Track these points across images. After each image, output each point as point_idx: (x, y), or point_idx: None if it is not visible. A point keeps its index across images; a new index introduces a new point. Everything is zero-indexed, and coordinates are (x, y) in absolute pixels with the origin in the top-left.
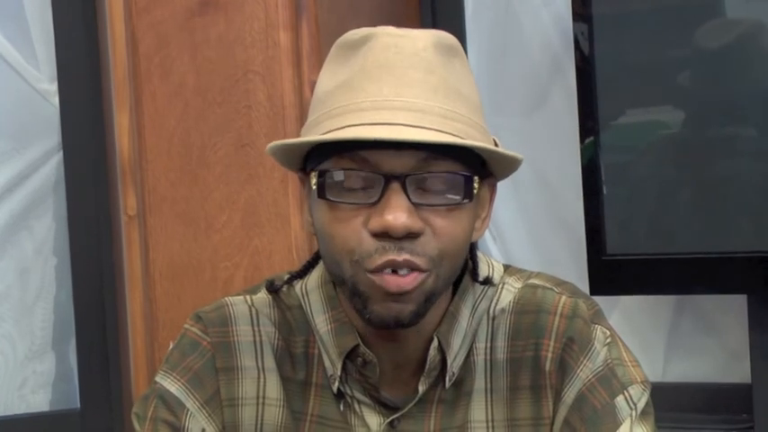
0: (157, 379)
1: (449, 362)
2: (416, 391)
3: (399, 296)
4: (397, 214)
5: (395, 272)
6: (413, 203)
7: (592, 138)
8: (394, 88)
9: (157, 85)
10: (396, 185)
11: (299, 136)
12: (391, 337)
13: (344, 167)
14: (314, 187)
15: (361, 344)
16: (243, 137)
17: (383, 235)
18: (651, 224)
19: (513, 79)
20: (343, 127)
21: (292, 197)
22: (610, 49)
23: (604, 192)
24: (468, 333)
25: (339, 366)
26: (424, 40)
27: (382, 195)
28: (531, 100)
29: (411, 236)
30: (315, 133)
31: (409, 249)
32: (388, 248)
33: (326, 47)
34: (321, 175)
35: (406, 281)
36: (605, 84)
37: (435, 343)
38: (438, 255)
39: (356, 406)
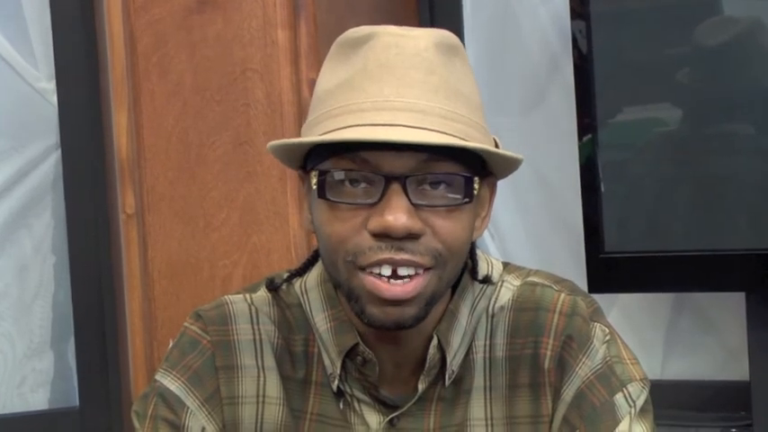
0: (157, 377)
1: (448, 360)
2: (416, 389)
3: (399, 301)
4: (398, 215)
5: (394, 273)
6: (413, 204)
7: (590, 136)
8: (395, 89)
9: (156, 83)
10: (396, 186)
11: (297, 134)
12: (391, 336)
13: (345, 168)
14: (314, 187)
15: (361, 342)
16: (241, 135)
17: (383, 235)
18: (649, 222)
19: (512, 78)
20: (344, 127)
21: (291, 195)
22: (607, 46)
23: (602, 189)
24: (467, 331)
25: (339, 365)
26: (425, 39)
27: (382, 196)
28: (529, 98)
29: (411, 236)
30: (315, 132)
31: (410, 249)
32: (386, 248)
33: (324, 45)
34: (321, 174)
35: (406, 289)
36: (603, 82)
37: (435, 341)
38: (441, 253)
39: (356, 404)
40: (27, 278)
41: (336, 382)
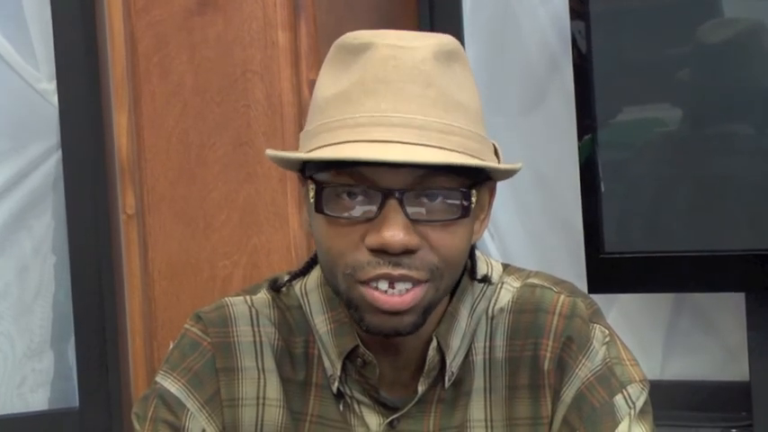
0: (158, 379)
1: (448, 362)
2: (416, 391)
3: (397, 312)
4: (395, 231)
5: (392, 286)
6: (410, 220)
7: (589, 135)
8: (392, 103)
9: (156, 84)
10: (393, 202)
11: (297, 135)
12: (390, 340)
13: (342, 182)
14: (311, 200)
15: (361, 345)
16: (241, 136)
17: (380, 251)
18: (649, 222)
19: (511, 78)
20: (341, 142)
21: (291, 196)
22: (607, 46)
23: (602, 189)
24: (466, 333)
25: (339, 367)
26: (423, 50)
27: (380, 212)
28: (528, 98)
29: (408, 252)
30: (313, 144)
31: (407, 264)
32: (383, 263)
33: (324, 46)
34: (319, 188)
35: (404, 300)
36: (603, 81)
37: (434, 343)
38: (437, 266)
39: (356, 406)
40: (27, 278)
41: (336, 383)
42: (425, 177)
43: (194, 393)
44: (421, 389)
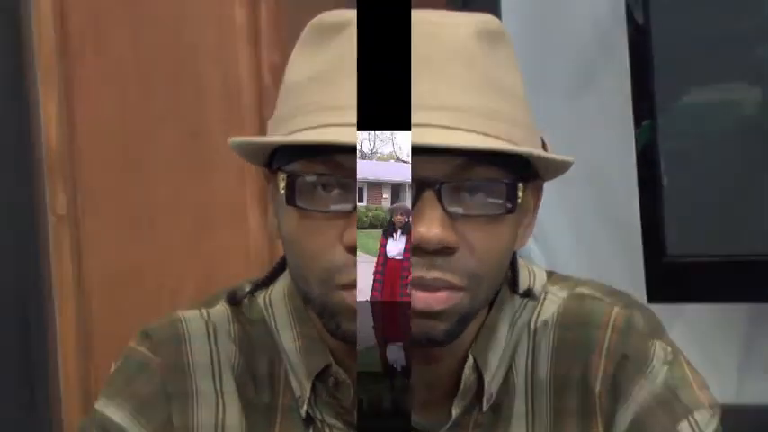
0: (97, 406)
1: (486, 382)
2: (450, 414)
3: (430, 313)
4: (430, 227)
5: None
6: (448, 214)
7: (648, 121)
8: None
9: (91, 65)
10: (429, 194)
11: (257, 123)
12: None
13: (316, 172)
14: (282, 191)
15: (334, 363)
16: (192, 125)
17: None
18: (719, 221)
19: (557, 56)
20: (318, 126)
21: (250, 193)
22: (668, 17)
23: (664, 183)
24: (506, 350)
25: (308, 388)
26: None
27: (415, 204)
28: (576, 79)
29: (446, 251)
30: (287, 129)
31: (441, 266)
32: (415, 263)
33: (287, 23)
34: (291, 178)
35: (437, 297)
36: (663, 58)
37: (471, 362)
38: (476, 273)
39: (327, 431)
40: None
41: (305, 406)
42: (464, 168)
43: (142, 422)
44: (455, 412)
